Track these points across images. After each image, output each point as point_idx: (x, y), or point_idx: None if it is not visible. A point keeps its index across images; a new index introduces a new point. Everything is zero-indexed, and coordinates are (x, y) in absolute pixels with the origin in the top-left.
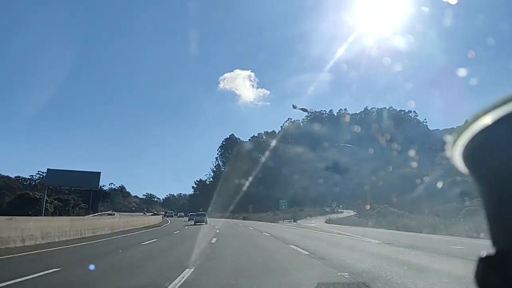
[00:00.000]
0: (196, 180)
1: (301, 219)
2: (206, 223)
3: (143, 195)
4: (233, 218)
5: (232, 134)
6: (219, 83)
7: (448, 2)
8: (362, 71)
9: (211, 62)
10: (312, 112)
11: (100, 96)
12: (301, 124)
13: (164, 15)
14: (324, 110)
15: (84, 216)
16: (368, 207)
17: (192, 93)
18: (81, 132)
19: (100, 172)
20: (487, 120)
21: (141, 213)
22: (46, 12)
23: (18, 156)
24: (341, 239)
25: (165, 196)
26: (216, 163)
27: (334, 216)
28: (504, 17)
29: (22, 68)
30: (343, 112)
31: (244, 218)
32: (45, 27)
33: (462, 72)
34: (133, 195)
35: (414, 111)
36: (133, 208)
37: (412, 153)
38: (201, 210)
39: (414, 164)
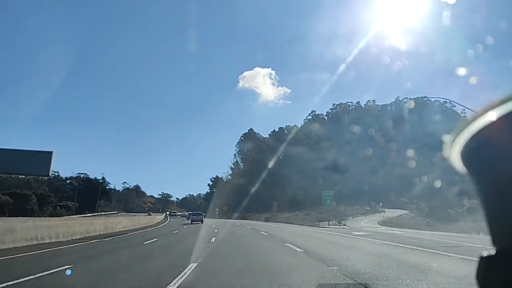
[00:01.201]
0: (212, 177)
1: (343, 220)
2: (202, 222)
3: (159, 194)
4: (252, 219)
5: (251, 129)
6: (239, 81)
7: None
8: (384, 65)
9: (230, 60)
10: (337, 105)
11: (116, 95)
12: (325, 117)
13: (181, 13)
14: (351, 102)
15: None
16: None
17: (211, 92)
18: (96, 131)
19: (52, 152)
20: (485, 119)
21: (146, 214)
22: (61, 9)
23: None
24: None
25: (184, 196)
26: (234, 159)
27: (388, 215)
28: None
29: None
30: (371, 102)
31: (266, 219)
32: (59, 24)
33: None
34: (148, 194)
35: (450, 100)
36: (146, 208)
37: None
38: (213, 210)
39: None
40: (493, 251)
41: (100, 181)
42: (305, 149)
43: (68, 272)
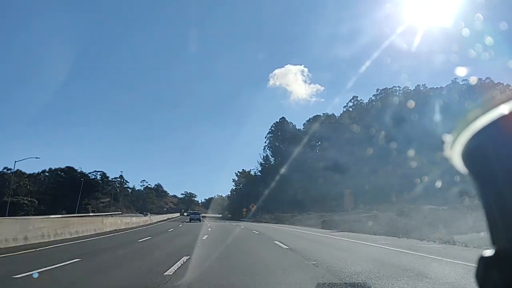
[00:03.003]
0: (238, 171)
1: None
2: (200, 221)
3: (182, 194)
4: (294, 223)
5: (283, 118)
6: (269, 80)
7: None
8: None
9: (260, 58)
10: (382, 90)
11: (140, 94)
12: (367, 105)
13: (211, 11)
14: (398, 86)
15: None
16: None
17: (240, 90)
18: (120, 130)
19: None
20: (487, 119)
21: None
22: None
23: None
24: None
25: (210, 196)
26: (264, 154)
27: None
28: None
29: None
30: (423, 87)
31: (324, 225)
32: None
33: None
34: (171, 194)
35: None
36: (165, 209)
37: None
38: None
39: None
40: (492, 251)
41: (95, 175)
42: (345, 141)
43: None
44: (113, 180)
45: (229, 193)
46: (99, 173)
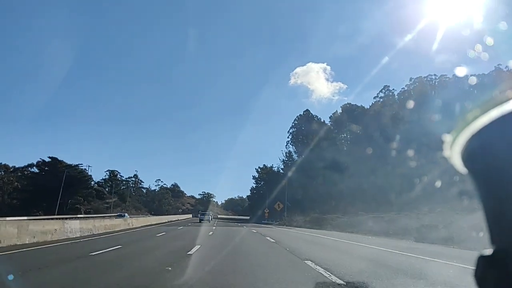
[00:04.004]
0: (259, 167)
1: None
2: (209, 222)
3: (199, 194)
4: (332, 228)
5: (307, 110)
6: (290, 78)
7: None
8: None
9: (280, 56)
10: (416, 79)
11: (159, 92)
12: (399, 96)
13: (230, 10)
14: (434, 74)
15: None
16: None
17: (260, 89)
18: (133, 128)
19: None
20: (486, 119)
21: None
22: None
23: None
24: None
25: (230, 197)
26: (287, 150)
27: None
28: None
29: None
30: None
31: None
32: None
33: None
34: (188, 195)
35: None
36: (180, 211)
37: None
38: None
39: None
40: (491, 251)
41: (83, 168)
42: (379, 129)
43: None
44: (127, 179)
45: (249, 193)
46: (107, 172)
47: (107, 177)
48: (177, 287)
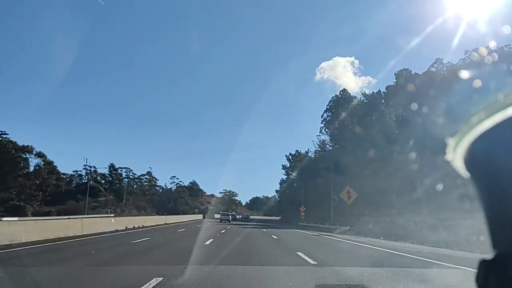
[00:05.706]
0: (290, 153)
1: None
2: (230, 222)
3: (221, 192)
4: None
5: (344, 89)
6: (316, 74)
7: None
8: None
9: (305, 51)
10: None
11: (181, 91)
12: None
13: (252, 5)
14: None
15: None
16: None
17: (285, 86)
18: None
19: None
20: (489, 123)
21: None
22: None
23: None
24: None
25: (255, 196)
26: (320, 138)
27: None
28: None
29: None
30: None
31: None
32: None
33: None
34: (208, 193)
35: None
36: (197, 210)
37: None
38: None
39: None
40: (493, 255)
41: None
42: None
43: None
44: (139, 177)
45: (279, 186)
46: (107, 164)
47: (108, 172)
48: None
